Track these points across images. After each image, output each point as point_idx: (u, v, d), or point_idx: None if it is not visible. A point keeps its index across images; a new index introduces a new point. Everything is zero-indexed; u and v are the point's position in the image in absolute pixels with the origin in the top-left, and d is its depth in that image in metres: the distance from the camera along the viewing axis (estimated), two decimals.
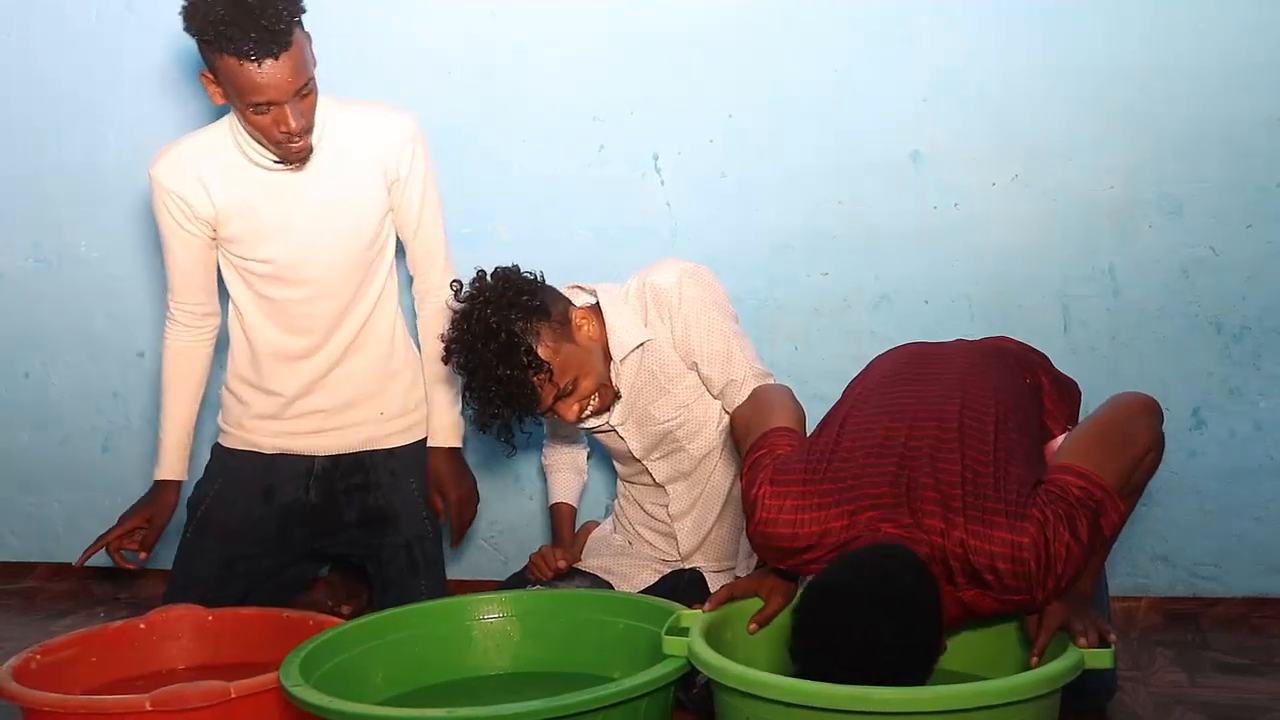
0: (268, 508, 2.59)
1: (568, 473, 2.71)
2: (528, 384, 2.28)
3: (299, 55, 2.25)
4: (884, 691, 1.62)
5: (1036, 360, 2.25)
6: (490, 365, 2.26)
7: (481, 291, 2.32)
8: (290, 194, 2.44)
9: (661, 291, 2.38)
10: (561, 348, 2.32)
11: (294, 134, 2.30)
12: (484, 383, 2.28)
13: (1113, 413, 1.96)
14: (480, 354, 2.27)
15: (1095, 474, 1.82)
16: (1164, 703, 2.23)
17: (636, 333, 2.39)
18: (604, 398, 2.40)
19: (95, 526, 3.28)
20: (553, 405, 2.34)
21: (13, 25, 3.14)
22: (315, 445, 2.60)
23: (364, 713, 1.83)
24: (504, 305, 2.29)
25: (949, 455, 1.86)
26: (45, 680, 2.09)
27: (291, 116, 2.28)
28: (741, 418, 2.23)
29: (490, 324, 2.27)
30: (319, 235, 2.47)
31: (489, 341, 2.26)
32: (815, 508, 1.88)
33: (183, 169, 2.44)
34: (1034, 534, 1.75)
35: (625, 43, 2.83)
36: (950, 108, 2.70)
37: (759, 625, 2.04)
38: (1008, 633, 1.97)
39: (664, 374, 2.41)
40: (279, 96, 2.25)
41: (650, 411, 2.44)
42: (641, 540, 2.60)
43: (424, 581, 2.57)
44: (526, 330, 2.28)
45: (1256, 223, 2.61)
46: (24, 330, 3.26)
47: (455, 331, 2.33)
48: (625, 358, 2.40)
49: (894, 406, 2.00)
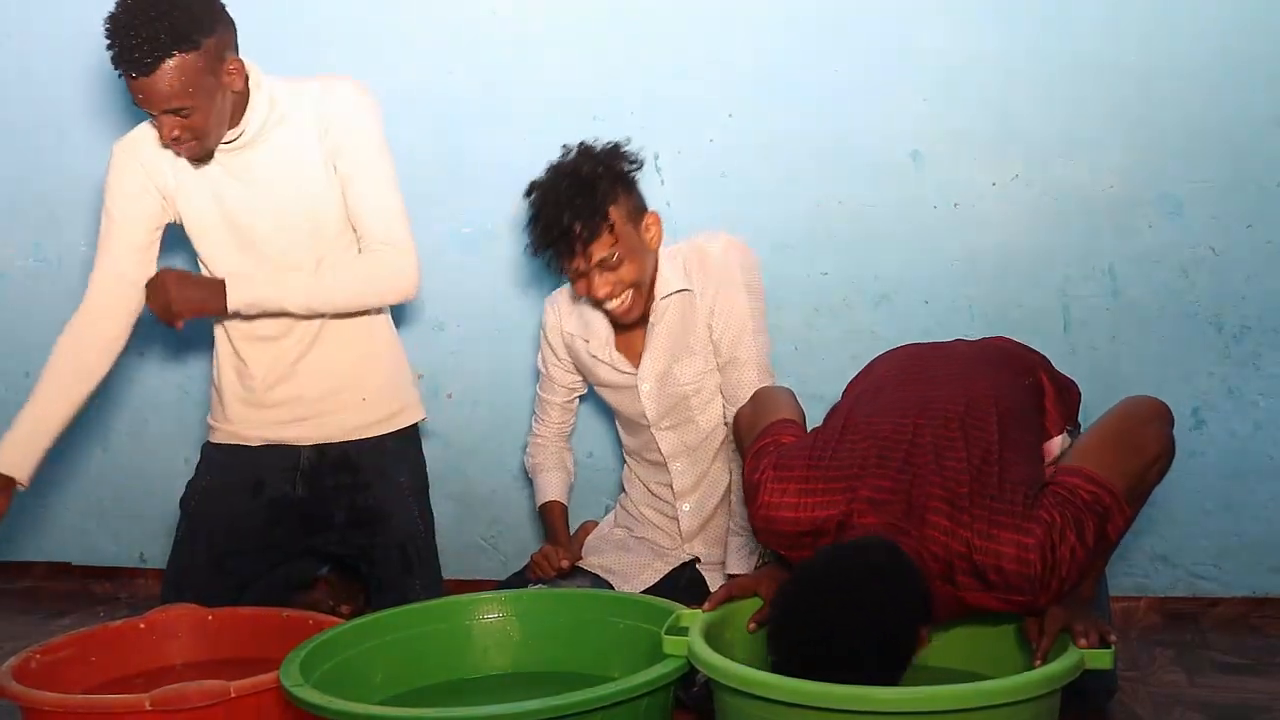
0: (256, 503, 2.58)
1: (555, 472, 2.73)
2: (588, 224, 2.36)
3: (173, 79, 2.27)
4: (884, 691, 1.62)
5: (1036, 360, 2.25)
6: (562, 194, 2.37)
7: (589, 148, 2.46)
8: (245, 174, 2.47)
9: (707, 255, 2.49)
10: (625, 226, 2.41)
11: (166, 141, 2.36)
12: (551, 209, 2.37)
13: (1125, 418, 1.96)
14: (558, 182, 2.40)
15: (1105, 478, 1.82)
16: (1164, 703, 2.23)
17: (680, 279, 2.49)
18: (636, 301, 2.46)
19: (95, 526, 3.31)
20: (591, 268, 2.40)
21: (13, 27, 3.14)
22: (298, 434, 2.59)
23: (364, 713, 1.82)
24: (603, 158, 2.43)
25: (955, 454, 1.87)
26: (45, 680, 2.09)
27: (164, 127, 2.33)
28: (744, 416, 2.24)
29: (582, 168, 2.40)
30: (273, 215, 2.48)
31: (572, 179, 2.39)
32: (819, 493, 1.89)
33: (148, 143, 2.49)
34: (1041, 536, 1.75)
35: (625, 42, 2.83)
36: (950, 108, 2.70)
37: (759, 625, 2.04)
38: (1008, 633, 1.97)
39: (694, 333, 2.49)
40: (151, 107, 2.32)
41: (674, 370, 2.50)
42: (643, 524, 2.62)
43: (418, 580, 2.56)
44: (609, 191, 2.39)
45: (1256, 223, 2.61)
46: (24, 330, 3.26)
47: (546, 171, 2.45)
48: (668, 296, 2.48)
49: (898, 405, 2.00)
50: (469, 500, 3.04)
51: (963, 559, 1.78)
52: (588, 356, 2.60)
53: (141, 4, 2.26)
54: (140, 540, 3.27)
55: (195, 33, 2.27)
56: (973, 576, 1.79)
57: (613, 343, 2.58)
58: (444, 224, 2.95)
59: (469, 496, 3.04)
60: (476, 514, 3.05)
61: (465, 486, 3.04)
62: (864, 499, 1.85)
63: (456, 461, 3.03)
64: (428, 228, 2.95)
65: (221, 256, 2.52)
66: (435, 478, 2.74)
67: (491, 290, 2.96)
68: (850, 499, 1.86)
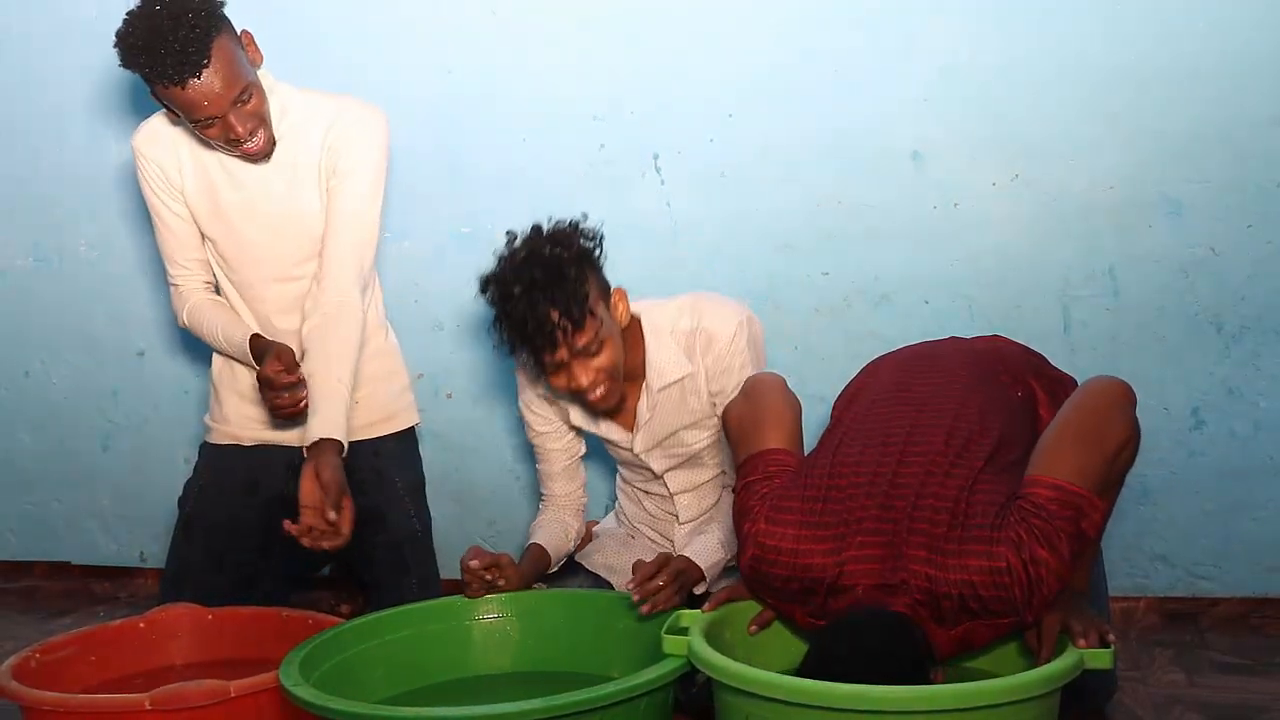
0: (252, 502, 2.58)
1: (553, 526, 2.52)
2: (569, 313, 2.17)
3: (227, 65, 2.26)
4: (883, 690, 1.62)
5: (1032, 363, 2.24)
6: (534, 283, 2.17)
7: (541, 230, 2.28)
8: (250, 179, 2.47)
9: (715, 340, 2.34)
10: (600, 309, 2.25)
11: (241, 139, 2.34)
12: (522, 302, 2.18)
13: (1085, 411, 1.92)
14: (523, 271, 2.19)
15: (1068, 481, 1.80)
16: (1163, 703, 2.23)
17: (679, 367, 2.36)
18: (612, 389, 2.29)
19: (95, 526, 3.31)
20: (572, 358, 2.22)
21: (13, 26, 3.14)
22: (293, 435, 2.54)
23: (364, 712, 1.82)
24: (563, 240, 2.25)
25: (935, 490, 1.86)
26: (45, 679, 2.09)
27: (236, 123, 2.31)
28: (735, 415, 2.18)
29: (544, 253, 2.21)
30: (274, 219, 2.48)
31: (538, 267, 2.19)
32: (810, 540, 1.89)
33: (160, 136, 2.49)
34: (1010, 557, 1.75)
35: (625, 42, 2.83)
36: (950, 107, 2.70)
37: (760, 627, 2.05)
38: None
39: (700, 408, 2.39)
40: (216, 111, 2.28)
41: (681, 437, 2.43)
42: (640, 537, 2.60)
43: (414, 580, 2.56)
44: (580, 274, 2.22)
45: (1256, 223, 2.61)
46: (24, 330, 3.26)
47: (502, 259, 2.26)
48: (665, 388, 2.37)
49: (883, 437, 1.99)
50: (468, 500, 3.04)
51: (945, 597, 1.79)
52: (574, 420, 2.50)
53: (153, 15, 2.24)
54: (140, 540, 3.27)
55: (213, 11, 2.28)
56: (959, 610, 1.80)
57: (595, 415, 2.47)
58: (444, 224, 2.95)
59: (468, 496, 3.04)
60: (475, 514, 3.05)
61: (464, 486, 3.04)
62: (850, 558, 1.85)
63: (455, 461, 3.03)
64: (428, 228, 2.97)
65: (223, 258, 2.53)
66: (434, 478, 2.74)
67: None
68: (838, 560, 1.86)
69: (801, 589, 1.91)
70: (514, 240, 2.29)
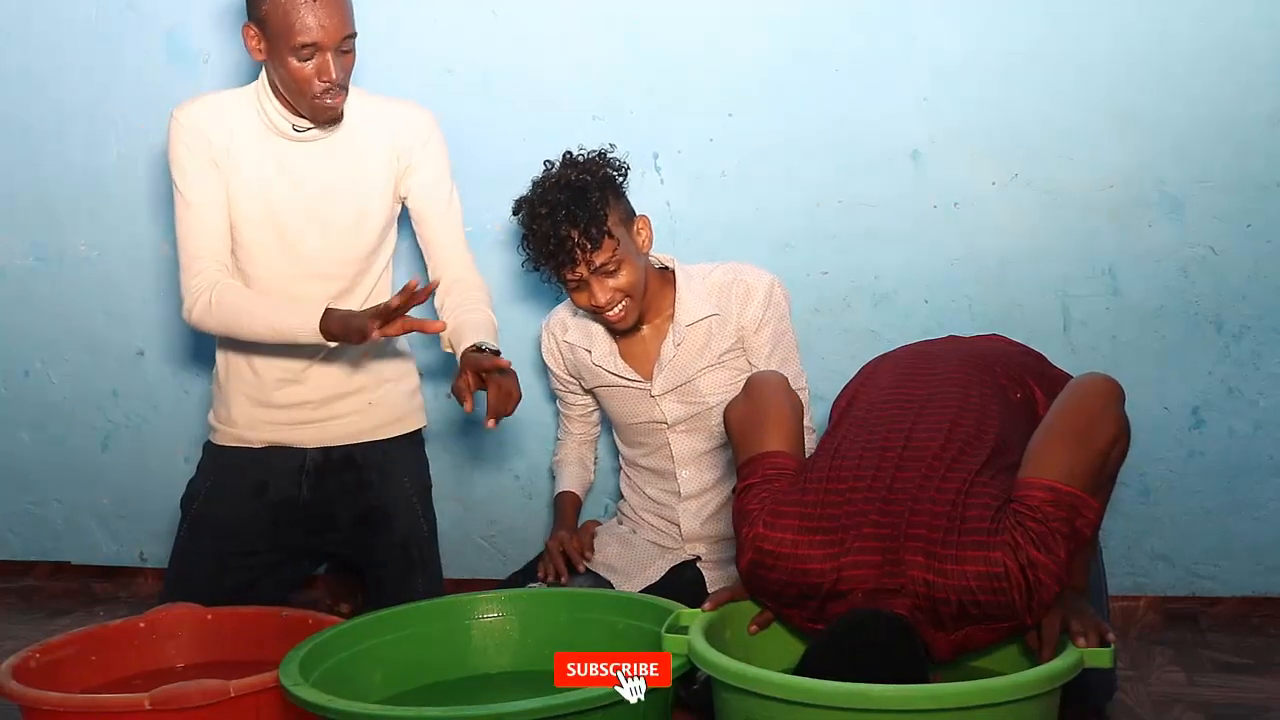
0: (259, 504, 2.58)
1: (573, 466, 2.75)
2: (588, 232, 2.37)
3: (346, 5, 2.34)
4: (883, 689, 1.62)
5: (1031, 364, 2.23)
6: (557, 205, 2.39)
7: (572, 157, 2.49)
8: (302, 169, 2.46)
9: (753, 288, 2.52)
10: (620, 231, 2.42)
11: (334, 85, 2.34)
12: (546, 221, 2.39)
13: (1072, 410, 1.91)
14: (550, 194, 2.41)
15: (1060, 482, 1.80)
16: (1163, 702, 2.23)
17: (708, 306, 2.51)
18: (630, 309, 2.47)
19: (95, 525, 3.31)
20: (591, 275, 2.41)
21: (13, 25, 3.14)
22: (303, 437, 2.59)
23: (364, 712, 1.82)
24: (590, 167, 2.45)
25: (932, 493, 1.86)
26: (45, 679, 2.09)
27: (334, 66, 2.32)
28: (736, 417, 2.17)
29: (571, 178, 2.42)
30: (321, 214, 2.48)
31: (564, 190, 2.40)
32: (808, 546, 1.89)
33: (208, 111, 2.47)
34: (1007, 561, 1.76)
35: (625, 42, 2.83)
36: (950, 107, 2.70)
37: (760, 627, 2.05)
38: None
39: (724, 348, 2.51)
40: (326, 40, 2.30)
41: (698, 384, 2.52)
42: (644, 527, 2.62)
43: (420, 580, 2.56)
44: (601, 199, 2.40)
45: (1256, 223, 2.61)
46: (24, 329, 3.26)
47: (535, 184, 2.48)
48: (695, 323, 2.50)
49: (882, 441, 1.99)
50: (469, 501, 3.04)
51: (944, 603, 1.79)
52: (591, 365, 2.60)
53: None
54: (140, 540, 3.27)
55: None
56: (959, 616, 1.80)
57: (616, 352, 2.57)
58: None
59: (469, 497, 3.04)
60: (476, 514, 3.05)
61: (465, 487, 3.04)
62: (849, 562, 1.85)
63: (457, 462, 3.03)
64: None
65: (256, 248, 2.50)
66: (436, 478, 2.74)
67: (492, 290, 2.95)
68: (836, 565, 1.86)
69: (800, 594, 1.91)
70: (550, 168, 2.49)
